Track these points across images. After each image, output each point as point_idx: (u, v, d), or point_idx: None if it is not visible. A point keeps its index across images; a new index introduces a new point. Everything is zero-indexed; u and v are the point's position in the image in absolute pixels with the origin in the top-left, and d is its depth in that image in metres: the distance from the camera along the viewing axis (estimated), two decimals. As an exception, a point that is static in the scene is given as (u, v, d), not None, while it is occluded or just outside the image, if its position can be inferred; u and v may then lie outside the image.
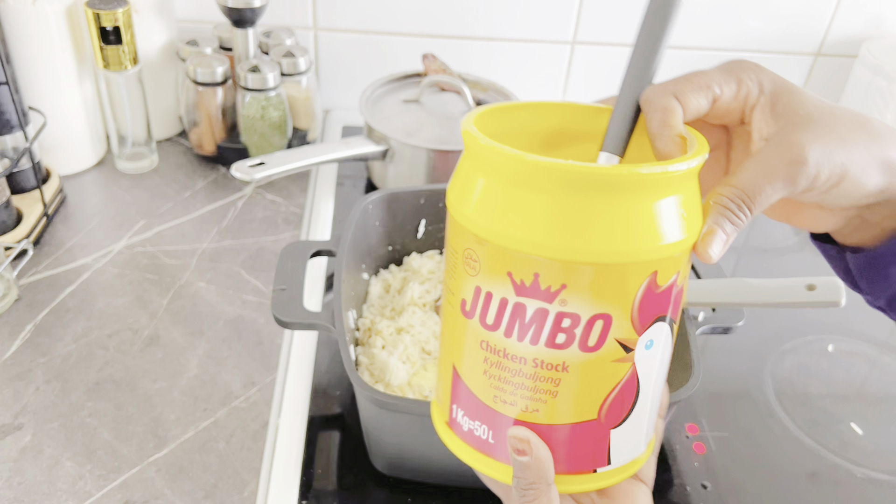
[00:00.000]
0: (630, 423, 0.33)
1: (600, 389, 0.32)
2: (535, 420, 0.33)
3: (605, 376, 0.32)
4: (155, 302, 0.72)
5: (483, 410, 0.34)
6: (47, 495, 0.55)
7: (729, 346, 0.73)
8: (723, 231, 0.32)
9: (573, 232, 0.29)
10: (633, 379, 0.32)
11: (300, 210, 0.86)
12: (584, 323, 0.30)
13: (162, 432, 0.60)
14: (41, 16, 0.78)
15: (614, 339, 0.31)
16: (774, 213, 0.39)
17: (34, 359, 0.65)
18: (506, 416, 0.33)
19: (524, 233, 0.30)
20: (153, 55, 0.90)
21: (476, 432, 0.35)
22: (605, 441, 0.33)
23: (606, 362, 0.31)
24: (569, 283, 0.30)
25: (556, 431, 0.33)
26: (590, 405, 0.32)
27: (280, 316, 0.56)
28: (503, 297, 0.31)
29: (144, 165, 0.90)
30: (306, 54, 0.91)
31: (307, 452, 0.59)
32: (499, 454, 0.34)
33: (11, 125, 0.76)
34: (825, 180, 0.33)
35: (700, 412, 0.65)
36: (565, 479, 0.34)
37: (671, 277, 0.31)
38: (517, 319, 0.31)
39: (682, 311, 0.34)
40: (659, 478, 0.60)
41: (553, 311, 0.30)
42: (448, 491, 0.57)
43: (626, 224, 0.29)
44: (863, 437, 0.65)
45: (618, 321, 0.30)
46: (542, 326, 0.31)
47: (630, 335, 0.31)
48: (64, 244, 0.78)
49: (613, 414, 0.33)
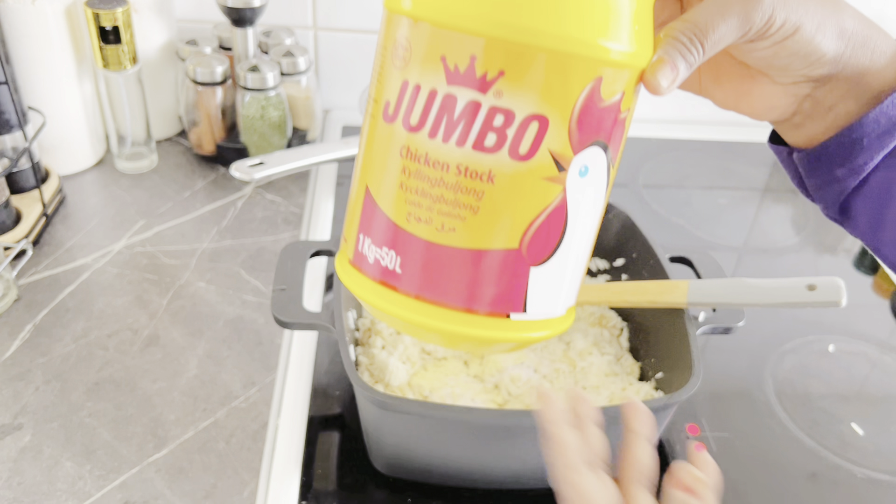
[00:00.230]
0: (553, 265, 0.30)
1: (526, 211, 0.29)
2: (449, 242, 0.29)
3: (532, 196, 0.29)
4: (154, 302, 0.72)
5: (393, 233, 0.30)
6: (47, 495, 0.55)
7: (729, 346, 0.72)
8: (673, 63, 0.31)
9: (519, 8, 0.27)
10: (561, 208, 0.29)
11: (300, 210, 0.86)
12: (517, 122, 0.27)
13: (162, 432, 0.60)
14: (40, 15, 0.78)
15: (548, 150, 0.28)
16: (726, 93, 0.38)
17: (34, 359, 0.65)
18: (418, 238, 0.30)
19: (465, 4, 0.27)
20: (153, 55, 0.90)
21: (383, 261, 0.31)
22: (524, 280, 0.30)
23: (536, 178, 0.28)
24: (507, 69, 0.27)
25: (472, 257, 0.29)
26: (512, 230, 0.29)
27: (280, 316, 0.56)
28: (432, 88, 0.28)
29: (144, 165, 0.90)
30: (306, 54, 0.90)
31: (307, 452, 0.59)
32: (405, 286, 0.31)
33: (11, 125, 0.76)
34: (779, 27, 0.32)
35: (700, 412, 0.65)
36: (475, 321, 0.31)
37: (615, 94, 0.29)
38: (445, 115, 0.28)
39: (620, 151, 0.31)
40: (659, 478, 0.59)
41: (486, 104, 0.27)
42: (448, 491, 0.57)
43: (576, 9, 0.27)
44: (863, 437, 0.65)
45: (554, 127, 0.28)
46: (472, 123, 0.28)
47: (565, 150, 0.28)
48: (63, 244, 0.78)
49: (537, 247, 0.30)
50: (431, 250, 0.30)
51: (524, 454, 0.54)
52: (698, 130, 1.08)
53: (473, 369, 0.61)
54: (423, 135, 0.29)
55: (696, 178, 0.99)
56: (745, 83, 0.37)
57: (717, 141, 1.06)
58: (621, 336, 0.66)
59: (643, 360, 0.63)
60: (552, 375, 0.60)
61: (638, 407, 0.37)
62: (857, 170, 0.35)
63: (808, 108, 0.36)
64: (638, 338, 0.64)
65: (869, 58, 0.34)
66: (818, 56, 0.34)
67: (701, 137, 1.07)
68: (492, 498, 0.57)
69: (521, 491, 0.57)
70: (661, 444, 0.62)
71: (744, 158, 1.04)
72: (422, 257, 0.30)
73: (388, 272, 0.31)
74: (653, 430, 0.34)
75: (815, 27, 0.33)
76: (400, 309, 0.31)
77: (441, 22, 0.27)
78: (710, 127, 1.10)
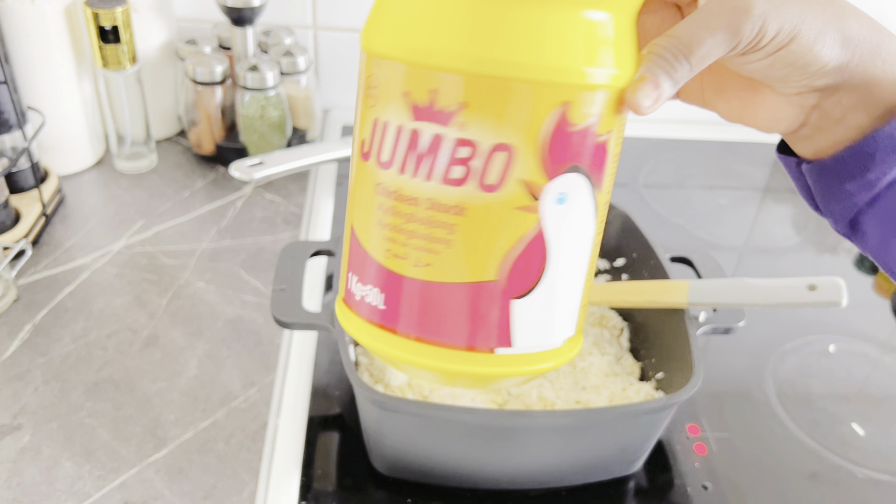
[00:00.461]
0: (538, 296, 0.29)
1: (500, 242, 0.28)
2: (427, 277, 0.29)
3: (505, 226, 0.28)
4: (154, 302, 0.72)
5: (376, 270, 0.30)
6: (46, 496, 0.55)
7: (730, 346, 0.72)
8: (655, 80, 0.29)
9: (473, 37, 0.26)
10: (539, 238, 0.29)
11: (300, 210, 0.86)
12: (483, 153, 0.27)
13: (161, 433, 0.60)
14: (40, 15, 0.78)
15: (518, 180, 0.28)
16: (730, 105, 0.36)
17: (33, 359, 0.65)
18: (396, 275, 0.30)
19: (421, 41, 0.27)
20: (152, 54, 0.90)
21: (367, 298, 0.31)
22: (506, 313, 0.29)
23: (508, 209, 0.28)
24: (468, 100, 0.27)
25: (450, 292, 0.29)
26: (488, 261, 0.29)
27: (279, 316, 0.56)
28: (399, 124, 0.28)
29: (143, 165, 0.90)
30: (306, 53, 0.90)
31: (307, 453, 0.59)
32: (389, 323, 0.31)
33: (10, 125, 0.76)
34: (772, 37, 0.30)
35: (701, 413, 0.65)
36: (458, 357, 0.30)
37: (588, 118, 0.28)
38: (411, 150, 0.28)
39: (608, 176, 0.30)
40: (659, 479, 0.59)
41: (450, 136, 0.27)
42: (448, 491, 0.57)
43: (533, 32, 0.26)
44: (864, 437, 0.65)
45: (522, 156, 0.27)
46: (437, 157, 0.27)
47: (536, 178, 0.28)
48: (62, 244, 0.78)
49: (516, 278, 0.29)
50: (410, 286, 0.30)
51: (524, 454, 0.54)
52: (698, 130, 1.08)
53: (473, 369, 0.61)
54: (393, 171, 0.29)
55: (696, 178, 0.99)
56: (749, 94, 0.35)
57: (718, 141, 1.06)
58: (622, 336, 0.65)
59: (644, 360, 0.63)
60: (552, 375, 0.60)
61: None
62: (869, 185, 0.33)
63: (815, 120, 0.34)
64: (638, 338, 0.64)
65: (880, 67, 0.32)
66: (819, 66, 0.31)
67: (701, 137, 1.07)
68: (492, 498, 0.57)
69: (521, 491, 0.57)
70: (660, 444, 0.62)
71: (744, 158, 1.04)
72: (401, 294, 0.30)
73: (373, 310, 0.31)
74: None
75: (814, 36, 0.31)
76: (386, 346, 0.31)
77: (399, 58, 0.27)
78: (711, 127, 1.10)
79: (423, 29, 0.27)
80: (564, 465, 0.56)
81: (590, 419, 0.53)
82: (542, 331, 0.30)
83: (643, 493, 0.58)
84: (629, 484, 0.59)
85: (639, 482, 0.59)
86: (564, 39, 0.27)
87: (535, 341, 0.30)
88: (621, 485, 0.59)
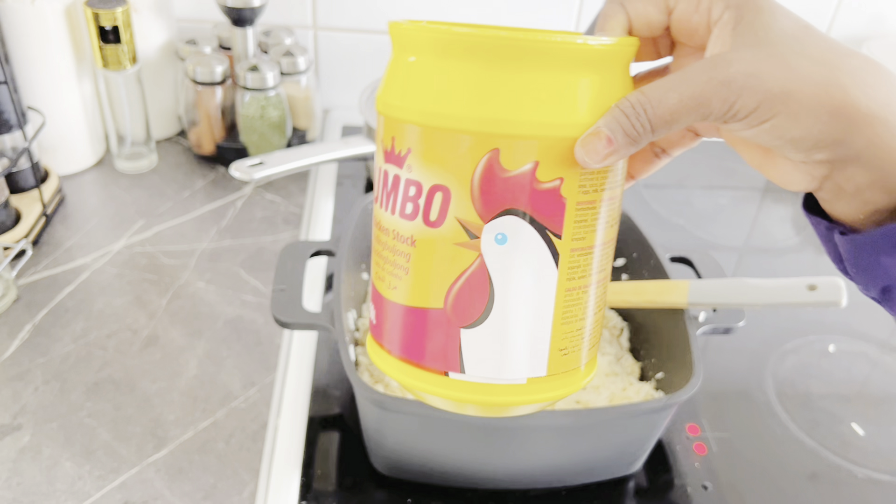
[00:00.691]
0: (486, 329, 0.31)
1: (445, 274, 0.31)
2: (394, 298, 0.33)
3: (449, 260, 0.31)
4: (154, 302, 0.72)
5: (375, 294, 0.35)
6: (46, 496, 0.55)
7: (730, 346, 0.72)
8: (610, 135, 0.28)
9: (419, 92, 0.30)
10: (482, 272, 0.31)
11: (300, 210, 0.86)
12: (425, 193, 0.30)
13: (161, 433, 0.60)
14: (40, 15, 0.78)
15: (455, 218, 0.30)
16: (750, 155, 0.34)
17: (33, 359, 0.65)
18: (379, 294, 0.34)
19: (389, 97, 0.31)
20: (152, 54, 0.90)
21: (373, 320, 0.35)
22: (456, 340, 0.32)
23: (448, 244, 0.31)
24: (412, 146, 0.30)
25: (410, 314, 0.33)
26: (436, 290, 0.32)
27: (279, 316, 0.56)
28: (380, 166, 0.33)
29: (143, 165, 0.90)
30: (306, 54, 0.90)
31: (307, 453, 0.59)
32: (377, 336, 0.35)
33: (10, 125, 0.76)
34: (750, 111, 0.28)
35: (701, 413, 0.65)
36: (416, 373, 0.33)
37: (523, 164, 0.29)
38: (384, 187, 0.32)
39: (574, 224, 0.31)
40: (659, 478, 0.60)
41: (403, 177, 0.31)
42: (448, 491, 0.57)
43: (466, 87, 0.29)
44: (864, 437, 0.65)
45: (457, 198, 0.30)
46: (396, 194, 0.31)
47: (472, 218, 0.30)
48: (63, 244, 0.78)
49: (461, 309, 0.31)
50: (386, 306, 0.34)
51: (524, 454, 0.54)
52: (698, 130, 1.08)
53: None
54: (379, 205, 0.33)
55: (696, 178, 0.99)
56: (761, 150, 0.33)
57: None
58: (621, 336, 0.66)
59: (643, 360, 0.63)
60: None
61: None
62: None
63: (830, 190, 0.30)
64: (638, 338, 0.64)
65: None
66: (810, 143, 0.28)
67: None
68: (492, 498, 0.57)
69: (521, 491, 0.57)
70: (660, 444, 0.62)
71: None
72: (382, 312, 0.34)
73: (372, 325, 0.36)
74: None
75: (802, 110, 0.27)
76: (377, 358, 0.35)
77: (378, 111, 0.32)
78: (711, 127, 1.10)
79: (390, 87, 0.32)
80: (564, 464, 0.56)
81: (590, 419, 0.53)
82: (496, 363, 0.32)
83: (643, 492, 0.59)
84: (629, 484, 0.59)
85: (639, 482, 0.59)
86: (496, 92, 0.29)
87: (487, 372, 0.32)
88: (621, 484, 0.59)
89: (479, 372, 0.32)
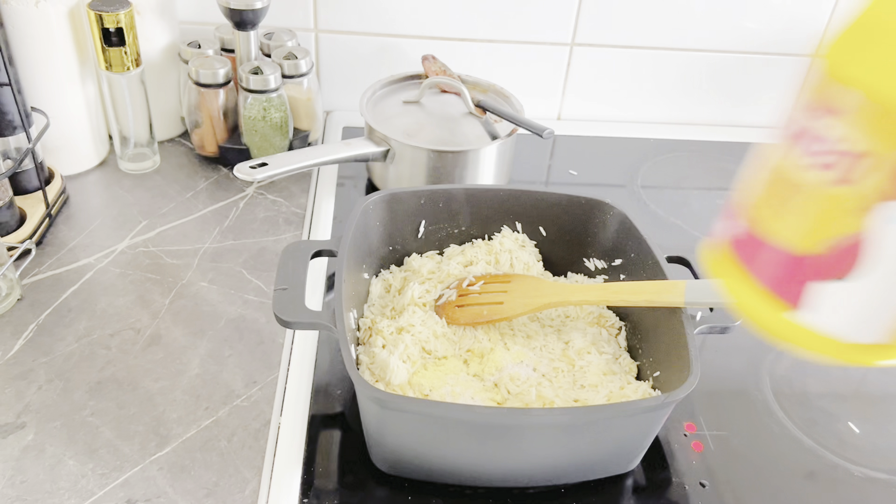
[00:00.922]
0: (851, 286, 0.34)
1: (836, 227, 0.33)
2: (779, 235, 0.35)
3: (847, 216, 0.32)
4: (157, 301, 0.73)
5: (753, 223, 0.38)
6: (49, 494, 0.55)
7: (727, 345, 0.73)
8: None
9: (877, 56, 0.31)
10: (870, 241, 0.33)
11: (301, 210, 0.86)
12: (853, 152, 0.31)
13: (164, 431, 0.60)
14: (44, 17, 0.78)
15: (871, 184, 0.31)
16: None
17: (36, 358, 0.66)
18: (761, 227, 0.37)
19: (844, 52, 0.32)
20: (155, 56, 0.91)
21: (741, 238, 0.38)
22: (821, 288, 0.34)
23: (854, 203, 0.32)
24: (859, 110, 0.31)
25: (790, 256, 0.35)
26: (822, 238, 0.33)
27: (281, 315, 0.57)
28: (810, 109, 0.34)
29: (147, 166, 0.91)
30: (307, 56, 0.91)
31: (308, 451, 0.59)
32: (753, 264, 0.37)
33: (14, 126, 0.76)
34: None
35: (698, 411, 0.66)
36: (771, 307, 0.36)
37: None
38: (807, 133, 0.33)
39: None
40: (657, 476, 0.60)
41: (834, 131, 0.32)
42: (448, 489, 0.57)
43: None
44: (861, 435, 0.65)
45: (881, 169, 0.31)
46: (821, 144, 0.33)
47: (889, 192, 0.31)
48: (66, 244, 0.79)
49: (840, 262, 0.33)
50: (768, 240, 0.36)
51: (523, 452, 0.55)
52: (697, 131, 1.09)
53: (473, 368, 0.61)
54: (790, 146, 0.35)
55: (694, 179, 1.00)
56: None
57: (716, 142, 1.07)
58: (619, 335, 0.66)
59: (641, 359, 0.63)
60: (551, 374, 0.61)
61: None
62: None
63: None
64: (636, 337, 0.65)
65: None
66: None
67: (699, 138, 1.07)
68: (492, 496, 0.57)
69: (521, 489, 0.58)
70: (658, 442, 0.62)
71: (742, 159, 1.04)
72: (759, 243, 0.37)
73: (738, 242, 0.38)
74: None
75: None
76: (727, 277, 0.38)
77: (828, 59, 0.33)
78: (709, 128, 1.10)
79: (851, 45, 0.32)
80: (563, 462, 0.56)
81: (588, 417, 0.53)
82: (854, 318, 0.35)
83: (641, 490, 0.59)
84: (627, 481, 0.59)
85: (636, 479, 0.60)
86: None
87: (841, 326, 0.35)
88: (619, 482, 0.59)
89: (830, 322, 0.35)
